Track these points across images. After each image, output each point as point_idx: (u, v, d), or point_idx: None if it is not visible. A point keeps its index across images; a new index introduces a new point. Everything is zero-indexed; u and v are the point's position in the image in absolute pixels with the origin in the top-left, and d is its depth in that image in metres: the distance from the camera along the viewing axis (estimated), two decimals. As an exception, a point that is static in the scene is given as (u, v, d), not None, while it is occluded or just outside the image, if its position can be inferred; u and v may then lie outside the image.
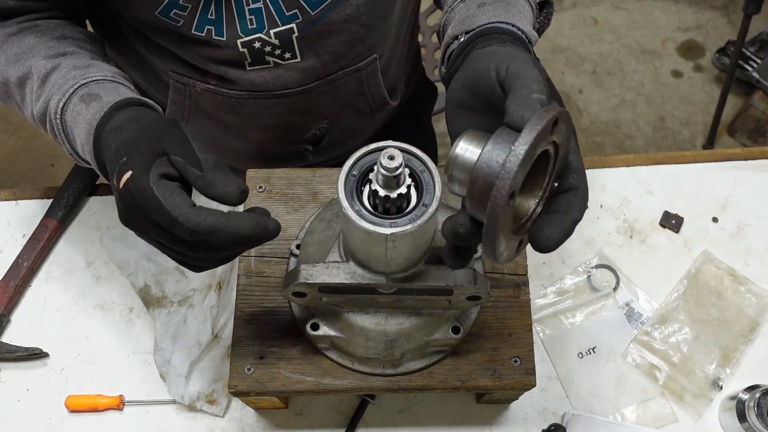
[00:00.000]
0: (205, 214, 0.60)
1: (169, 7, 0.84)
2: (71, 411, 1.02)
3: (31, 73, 0.82)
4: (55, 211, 1.12)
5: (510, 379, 0.83)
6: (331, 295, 0.75)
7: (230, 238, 0.61)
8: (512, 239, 0.56)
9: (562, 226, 0.57)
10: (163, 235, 0.63)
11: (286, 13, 0.88)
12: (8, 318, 1.08)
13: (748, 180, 1.15)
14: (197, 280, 1.06)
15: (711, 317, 1.06)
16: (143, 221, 0.63)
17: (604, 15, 2.77)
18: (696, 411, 1.01)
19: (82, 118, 0.75)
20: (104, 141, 0.71)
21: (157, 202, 0.60)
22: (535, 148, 0.50)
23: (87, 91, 0.77)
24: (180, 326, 1.03)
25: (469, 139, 0.56)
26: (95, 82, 0.79)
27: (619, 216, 1.13)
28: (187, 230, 0.60)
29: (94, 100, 0.76)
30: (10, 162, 2.49)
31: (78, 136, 0.76)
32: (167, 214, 0.60)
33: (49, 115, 0.79)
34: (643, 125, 2.53)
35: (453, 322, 0.82)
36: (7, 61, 0.85)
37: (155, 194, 0.60)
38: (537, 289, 1.08)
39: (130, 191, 0.62)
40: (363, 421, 1.00)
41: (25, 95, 0.84)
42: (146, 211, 0.61)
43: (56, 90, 0.79)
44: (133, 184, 0.62)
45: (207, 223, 0.60)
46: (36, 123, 0.84)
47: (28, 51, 0.84)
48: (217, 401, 1.00)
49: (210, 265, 0.68)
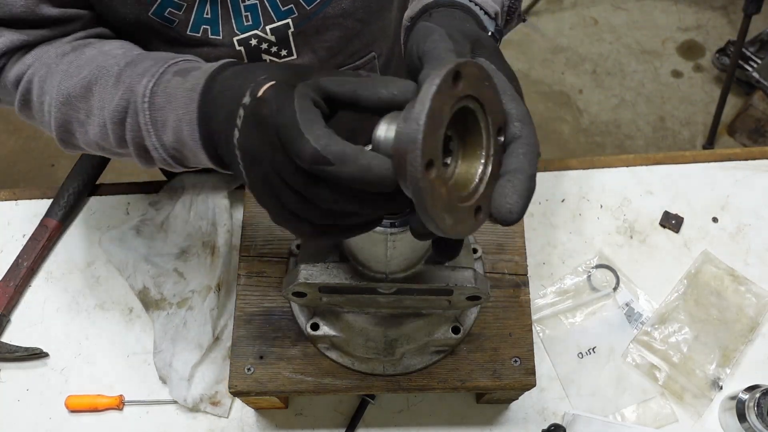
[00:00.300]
0: (338, 140, 0.49)
1: (163, 6, 0.82)
2: (71, 411, 1.02)
3: (101, 75, 0.73)
4: (55, 210, 1.12)
5: (510, 379, 0.83)
6: (331, 295, 0.75)
7: (357, 174, 0.48)
8: (460, 210, 0.50)
9: (517, 189, 0.51)
10: (282, 159, 0.51)
11: (281, 8, 0.88)
12: (8, 318, 1.08)
13: (748, 180, 1.15)
14: (196, 282, 1.06)
15: (711, 317, 1.06)
16: (266, 137, 0.52)
17: (604, 15, 2.77)
18: (696, 411, 1.01)
19: (180, 90, 0.65)
20: (218, 88, 0.61)
21: (292, 113, 0.50)
22: (435, 110, 0.46)
23: (182, 67, 0.69)
24: (180, 328, 1.03)
25: (388, 120, 0.51)
26: (185, 60, 0.71)
27: (619, 216, 1.13)
28: (311, 150, 0.48)
29: (192, 71, 0.67)
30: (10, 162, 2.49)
31: (172, 113, 0.66)
32: (296, 128, 0.49)
33: (134, 104, 0.69)
34: (643, 125, 2.53)
35: (453, 322, 0.82)
36: (67, 76, 0.75)
37: (294, 107, 0.50)
38: (537, 289, 1.08)
39: (267, 101, 0.52)
40: (363, 421, 1.00)
41: (92, 106, 0.73)
42: (276, 122, 0.51)
43: (140, 76, 0.70)
44: (274, 93, 0.52)
45: (335, 148, 0.48)
46: (107, 132, 0.73)
47: (91, 60, 0.76)
48: (221, 402, 1.00)
49: (322, 226, 0.54)
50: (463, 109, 0.50)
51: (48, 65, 0.78)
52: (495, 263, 0.88)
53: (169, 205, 1.13)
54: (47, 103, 0.77)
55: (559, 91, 2.60)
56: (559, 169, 1.16)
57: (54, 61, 0.78)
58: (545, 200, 1.14)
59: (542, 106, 2.57)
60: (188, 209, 1.11)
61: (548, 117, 2.54)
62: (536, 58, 2.67)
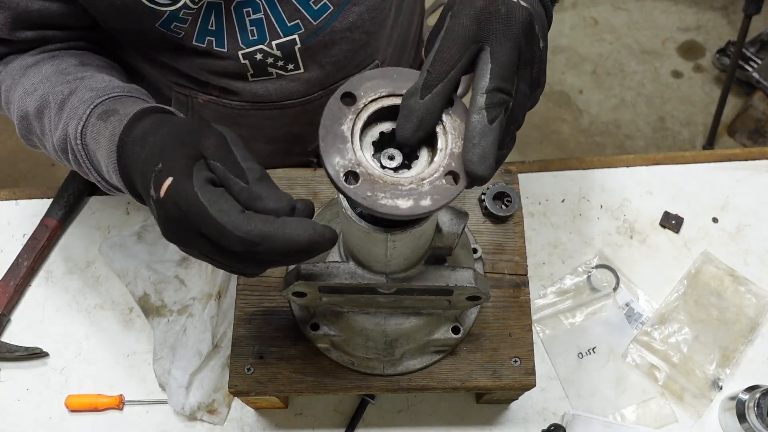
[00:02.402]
0: (256, 220, 0.54)
1: (170, 20, 0.82)
2: (71, 410, 1.02)
3: (48, 102, 0.78)
4: (55, 210, 1.12)
5: (510, 379, 0.83)
6: (331, 295, 0.75)
7: (285, 247, 0.54)
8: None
9: (473, 143, 0.54)
10: (211, 247, 0.56)
11: (288, 24, 0.87)
12: (8, 318, 1.08)
13: (748, 180, 1.15)
14: (196, 289, 1.06)
15: (711, 317, 1.06)
16: (188, 232, 0.56)
17: (604, 15, 2.77)
18: (696, 411, 1.01)
19: (102, 136, 0.70)
20: (129, 154, 0.65)
21: (202, 208, 0.54)
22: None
23: (104, 109, 0.73)
24: (180, 336, 1.03)
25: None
26: (112, 99, 0.74)
27: (619, 216, 1.13)
28: (237, 239, 0.53)
29: (111, 115, 0.71)
30: (10, 162, 2.49)
31: (101, 158, 0.70)
32: (214, 222, 0.53)
33: (69, 143, 0.75)
34: (643, 125, 2.53)
35: (453, 322, 0.82)
36: (25, 93, 0.81)
37: (200, 200, 0.54)
38: (537, 289, 1.08)
39: (172, 199, 0.55)
40: (363, 421, 1.00)
41: (44, 126, 0.80)
42: (192, 220, 0.55)
43: (73, 114, 0.74)
44: (175, 190, 0.55)
45: (258, 230, 0.53)
46: (58, 156, 0.79)
47: (45, 80, 0.80)
48: (217, 411, 1.00)
49: (260, 271, 0.61)
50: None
51: (12, 77, 0.84)
52: (495, 263, 0.88)
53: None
54: (13, 112, 0.84)
55: (559, 91, 2.60)
56: (559, 169, 1.16)
57: (18, 72, 0.84)
58: (545, 200, 1.14)
59: (542, 106, 2.57)
60: (190, 215, 1.11)
61: (548, 117, 2.54)
62: (536, 59, 2.67)
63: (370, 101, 0.56)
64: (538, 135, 2.50)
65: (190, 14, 0.82)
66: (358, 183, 0.53)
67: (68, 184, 1.14)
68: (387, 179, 0.54)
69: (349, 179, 0.53)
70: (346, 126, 0.54)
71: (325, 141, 0.54)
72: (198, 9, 0.82)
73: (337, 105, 0.55)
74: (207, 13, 0.84)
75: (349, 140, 0.54)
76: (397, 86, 0.56)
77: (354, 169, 0.53)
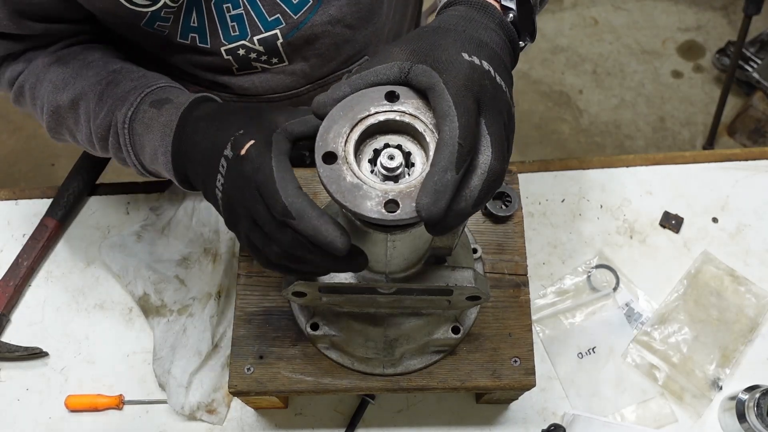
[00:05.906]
0: (303, 198, 0.59)
1: (153, 20, 0.83)
2: (71, 410, 1.02)
3: (85, 93, 0.82)
4: (55, 210, 1.12)
5: (510, 379, 0.83)
6: (330, 295, 0.75)
7: (312, 233, 0.58)
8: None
9: (426, 186, 0.53)
10: (259, 210, 0.61)
11: (268, 19, 0.88)
12: (8, 318, 1.08)
13: (748, 180, 1.15)
14: (196, 289, 1.06)
15: (711, 317, 1.06)
16: (248, 190, 0.61)
17: (604, 15, 2.77)
18: (695, 411, 1.01)
19: (156, 122, 0.75)
20: (191, 131, 0.71)
21: (270, 171, 0.59)
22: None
23: (155, 98, 0.78)
24: (179, 335, 1.03)
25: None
26: (160, 88, 0.79)
27: (619, 216, 1.13)
28: (281, 205, 0.58)
29: (165, 103, 0.76)
30: (10, 162, 2.49)
31: (149, 142, 0.76)
32: (273, 184, 0.59)
33: (115, 126, 0.79)
34: (643, 125, 2.53)
35: (453, 322, 0.82)
36: (55, 88, 0.84)
37: (272, 164, 0.60)
38: (537, 289, 1.08)
39: (251, 157, 0.61)
40: (363, 421, 1.00)
41: (79, 117, 0.83)
42: (258, 177, 0.60)
43: (120, 102, 0.79)
44: (256, 149, 0.61)
45: (299, 206, 0.58)
46: (94, 142, 0.83)
47: (75, 74, 0.84)
48: (217, 411, 1.00)
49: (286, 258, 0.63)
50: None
51: (36, 74, 0.87)
52: (495, 263, 0.88)
53: (170, 210, 1.13)
54: (39, 107, 0.87)
55: (559, 91, 2.60)
56: (559, 169, 1.16)
57: (41, 70, 0.86)
58: (545, 200, 1.14)
59: (542, 106, 2.57)
60: (190, 215, 1.11)
61: (548, 117, 2.54)
62: (536, 58, 2.67)
63: (347, 138, 0.56)
64: (538, 135, 2.50)
65: (171, 12, 0.83)
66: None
67: (68, 184, 1.14)
68: (382, 188, 0.55)
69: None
70: (346, 171, 0.55)
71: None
72: (179, 7, 0.83)
73: (328, 169, 0.55)
74: (188, 10, 0.85)
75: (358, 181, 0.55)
76: (360, 109, 0.57)
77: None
